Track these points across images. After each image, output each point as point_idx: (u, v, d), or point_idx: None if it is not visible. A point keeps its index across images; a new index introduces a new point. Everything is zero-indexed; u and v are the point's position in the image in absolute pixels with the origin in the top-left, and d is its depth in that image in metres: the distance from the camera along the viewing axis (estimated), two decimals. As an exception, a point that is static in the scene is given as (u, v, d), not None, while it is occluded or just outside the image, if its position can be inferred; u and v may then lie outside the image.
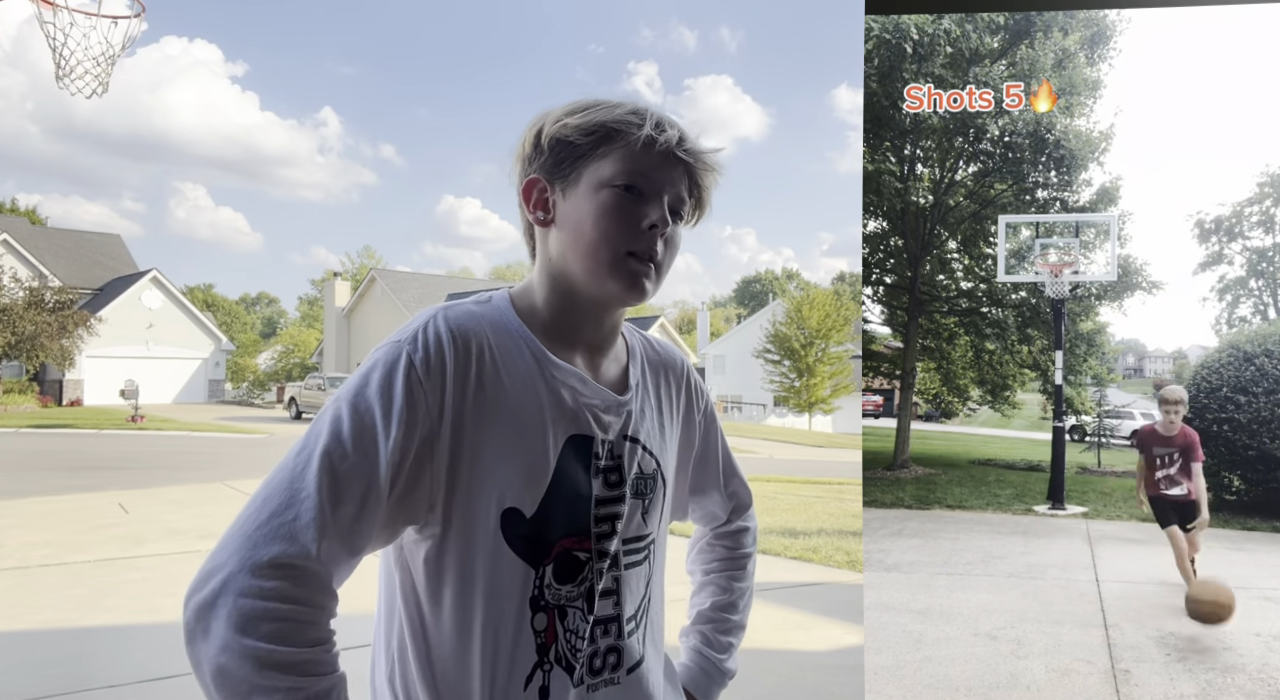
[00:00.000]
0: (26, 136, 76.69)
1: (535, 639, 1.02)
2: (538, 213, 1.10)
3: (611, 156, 1.06)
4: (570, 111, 1.08)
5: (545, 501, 1.02)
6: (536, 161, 1.10)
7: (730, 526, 1.41)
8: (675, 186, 1.09)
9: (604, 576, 1.08)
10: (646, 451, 1.14)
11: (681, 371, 1.28)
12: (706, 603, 1.38)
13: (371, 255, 61.18)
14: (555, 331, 1.10)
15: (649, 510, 1.14)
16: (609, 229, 1.05)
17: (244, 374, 42.80)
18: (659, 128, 1.07)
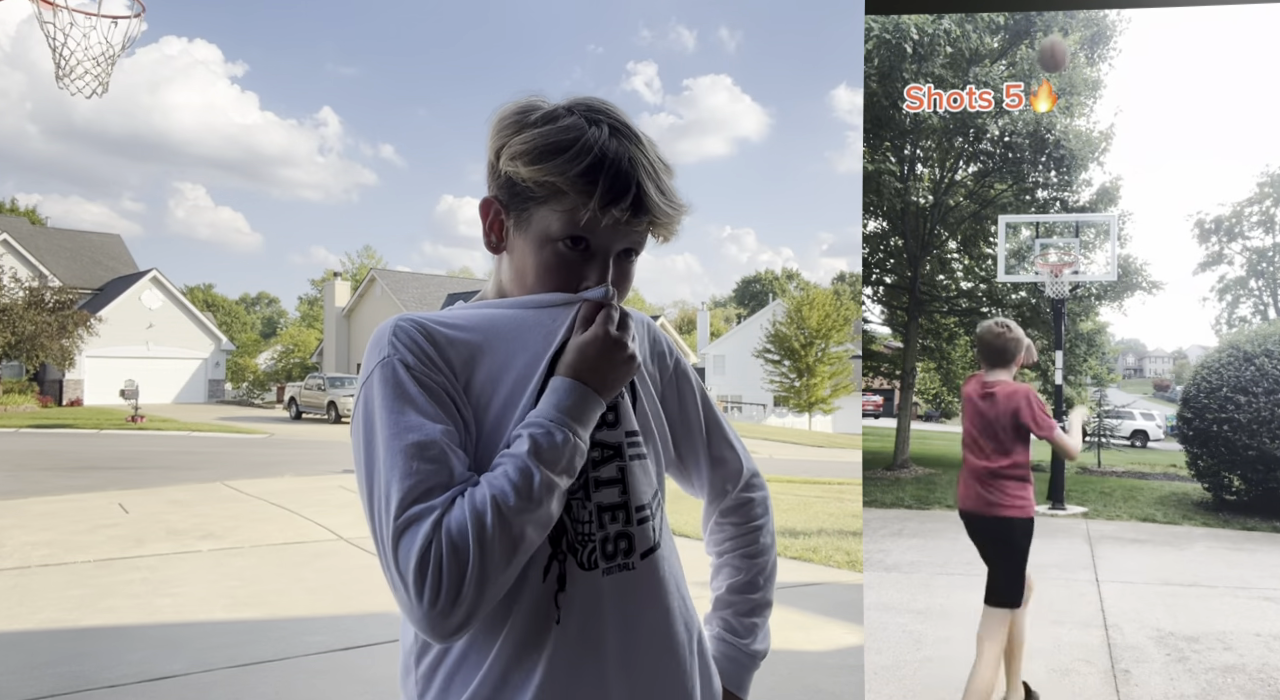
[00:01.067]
0: (26, 136, 76.74)
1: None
2: (491, 236, 1.15)
3: (560, 212, 1.07)
4: (525, 154, 1.06)
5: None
6: (496, 181, 1.12)
7: (730, 499, 1.36)
8: (629, 238, 1.11)
9: (605, 466, 1.12)
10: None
11: (641, 329, 1.25)
12: (723, 586, 1.34)
13: (371, 255, 61.18)
14: None
15: (635, 408, 1.19)
16: (549, 285, 1.10)
17: (244, 374, 42.79)
18: (609, 203, 1.04)
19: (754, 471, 1.38)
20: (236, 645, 4.73)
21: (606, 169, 1.04)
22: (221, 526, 8.62)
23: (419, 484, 0.98)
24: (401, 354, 1.04)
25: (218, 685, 4.25)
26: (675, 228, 1.13)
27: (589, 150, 1.05)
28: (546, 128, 1.07)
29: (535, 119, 1.08)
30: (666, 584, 1.17)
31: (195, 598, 5.91)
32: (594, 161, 1.04)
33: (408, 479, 0.98)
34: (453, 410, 1.05)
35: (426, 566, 0.95)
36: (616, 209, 1.05)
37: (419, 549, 0.95)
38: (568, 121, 1.07)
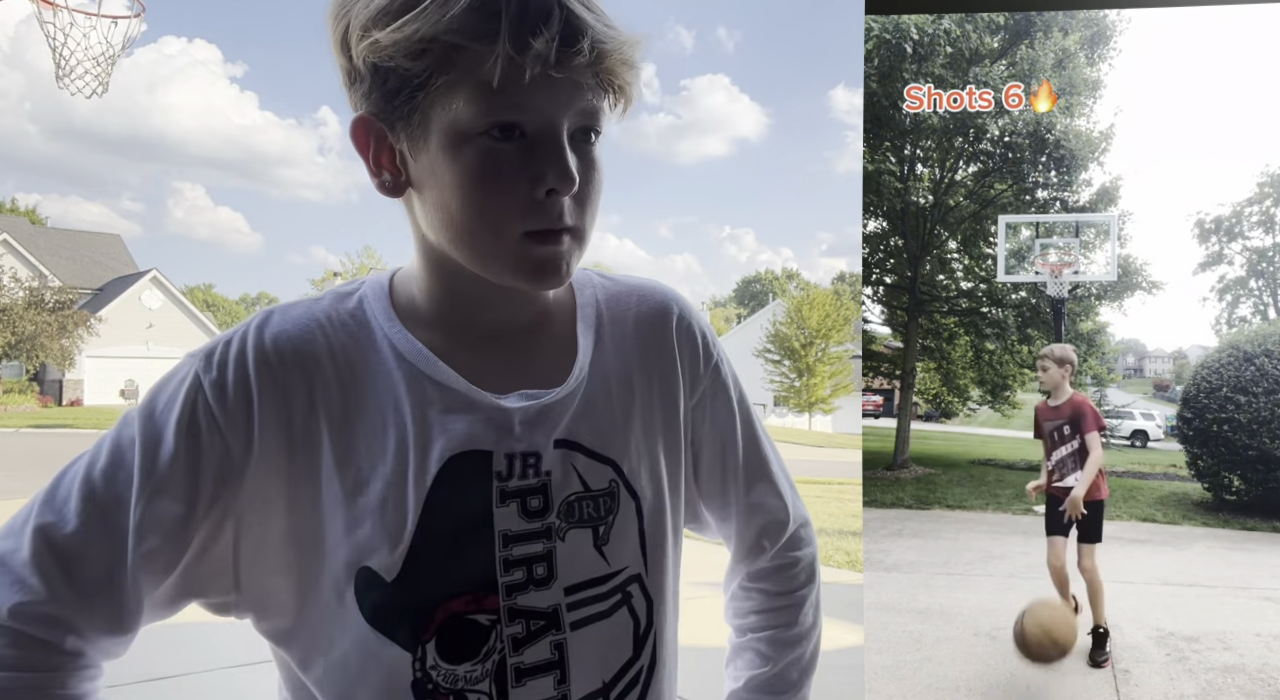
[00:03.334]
0: (25, 136, 76.68)
1: None
2: (383, 174, 0.75)
3: (465, 88, 0.68)
4: (380, 13, 0.68)
5: (412, 555, 0.72)
6: (359, 88, 0.73)
7: (765, 560, 0.96)
8: (577, 102, 0.71)
9: (533, 644, 0.75)
10: (594, 457, 0.79)
11: (668, 322, 0.87)
12: (742, 678, 0.96)
13: (371, 255, 61.22)
14: (443, 321, 0.79)
15: (609, 540, 0.79)
16: (485, 206, 0.71)
17: (244, 374, 42.83)
18: (523, 34, 0.66)
19: (803, 520, 1.00)
20: (236, 645, 4.73)
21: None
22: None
23: (25, 556, 0.71)
24: None
25: (217, 685, 4.26)
26: (632, 71, 0.74)
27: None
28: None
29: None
30: None
31: (195, 598, 5.92)
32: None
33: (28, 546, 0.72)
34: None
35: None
36: (539, 40, 0.66)
37: None
38: None
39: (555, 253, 0.73)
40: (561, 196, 0.72)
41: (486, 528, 0.74)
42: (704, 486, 0.91)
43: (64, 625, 0.69)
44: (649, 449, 0.83)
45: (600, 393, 0.81)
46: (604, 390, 0.81)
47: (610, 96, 0.74)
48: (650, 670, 0.82)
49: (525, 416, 0.77)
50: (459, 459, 0.74)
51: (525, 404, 0.77)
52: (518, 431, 0.76)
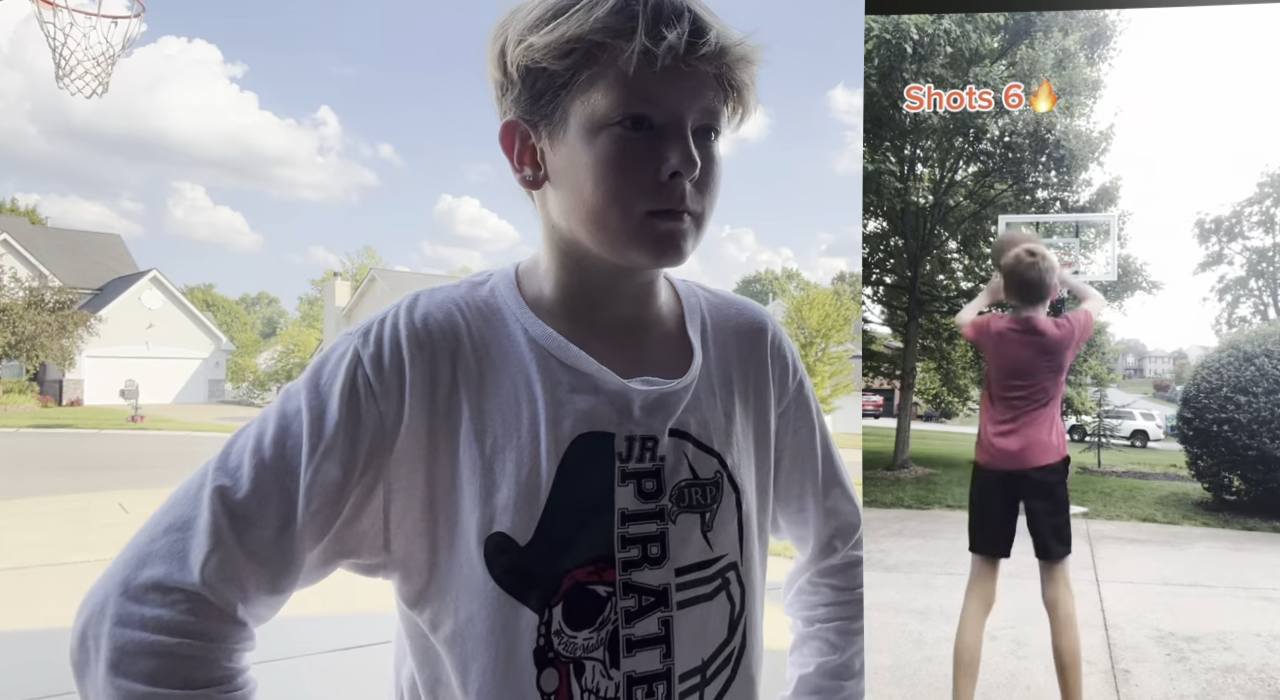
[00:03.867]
0: (24, 136, 76.66)
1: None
2: (525, 169, 0.85)
3: (603, 83, 0.78)
4: (535, 23, 0.79)
5: (544, 522, 0.79)
6: (510, 95, 0.84)
7: (836, 559, 1.07)
8: (701, 100, 0.81)
9: (643, 618, 0.82)
10: (703, 449, 0.87)
11: (764, 338, 0.95)
12: (811, 664, 1.06)
13: (371, 255, 61.20)
14: (569, 310, 0.87)
15: (713, 527, 0.86)
16: (617, 187, 0.79)
17: (244, 374, 42.78)
18: (658, 28, 0.76)
19: (860, 524, 1.11)
20: (236, 645, 4.74)
21: (644, 2, 0.77)
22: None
23: (204, 528, 0.81)
24: None
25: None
26: (752, 79, 0.84)
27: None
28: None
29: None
30: None
31: (195, 598, 5.92)
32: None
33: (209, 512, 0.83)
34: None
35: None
36: (672, 32, 0.75)
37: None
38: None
39: (676, 229, 0.81)
40: (684, 179, 0.80)
41: (607, 504, 0.82)
42: (780, 490, 1.00)
43: (237, 589, 0.76)
44: (745, 448, 0.91)
45: (705, 391, 0.89)
46: (708, 389, 0.89)
47: (729, 101, 0.84)
48: (740, 653, 0.88)
49: (645, 401, 0.84)
50: (586, 438, 0.82)
51: (646, 389, 0.85)
52: (637, 415, 0.84)
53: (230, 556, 0.76)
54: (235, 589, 0.76)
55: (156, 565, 0.76)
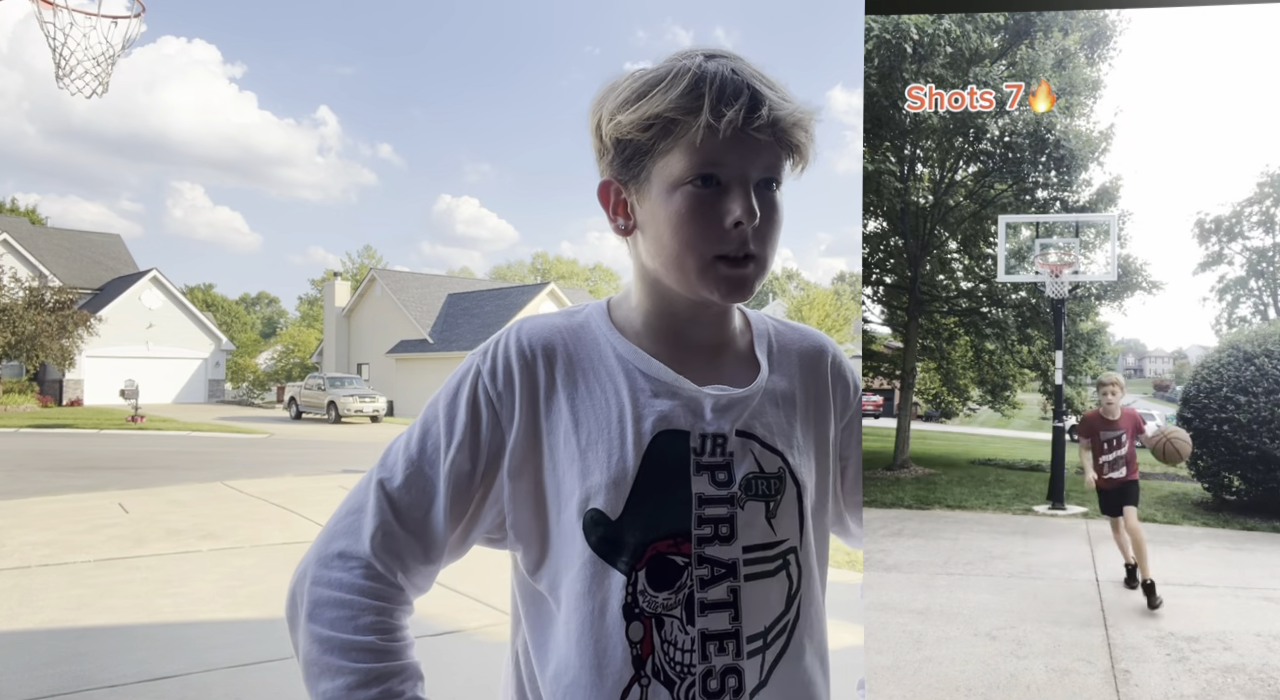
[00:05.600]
0: (24, 136, 76.70)
1: (631, 650, 0.96)
2: (619, 220, 1.03)
3: (677, 150, 0.95)
4: (623, 103, 0.97)
5: (631, 501, 0.97)
6: (605, 159, 1.02)
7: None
8: (760, 160, 0.97)
9: (715, 586, 0.98)
10: (767, 448, 1.03)
11: (824, 359, 1.13)
12: None
13: (371, 255, 61.15)
14: (653, 332, 1.05)
15: (776, 514, 1.02)
16: (690, 236, 0.96)
17: (244, 374, 42.78)
18: (720, 107, 0.93)
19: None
20: (236, 645, 4.73)
21: (710, 79, 0.94)
22: (221, 526, 8.62)
23: (373, 511, 1.01)
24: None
25: (218, 685, 4.26)
26: (807, 137, 1.00)
27: (686, 71, 0.95)
28: (641, 74, 0.99)
29: (627, 77, 1.01)
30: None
31: (195, 598, 5.91)
32: (695, 77, 0.94)
33: (377, 499, 1.03)
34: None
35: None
36: (730, 109, 0.92)
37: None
38: (660, 64, 0.99)
39: (741, 275, 0.98)
40: (745, 228, 0.96)
41: (685, 489, 0.98)
42: (848, 496, 1.17)
43: (397, 559, 0.98)
44: (806, 451, 1.07)
45: (770, 402, 1.05)
46: (773, 400, 1.06)
47: (788, 155, 0.99)
48: (795, 624, 1.03)
49: (716, 405, 1.02)
50: (665, 434, 0.99)
51: (717, 395, 1.02)
52: (709, 417, 1.01)
53: (392, 532, 0.99)
54: (396, 559, 0.99)
55: (340, 540, 0.99)
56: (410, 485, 1.00)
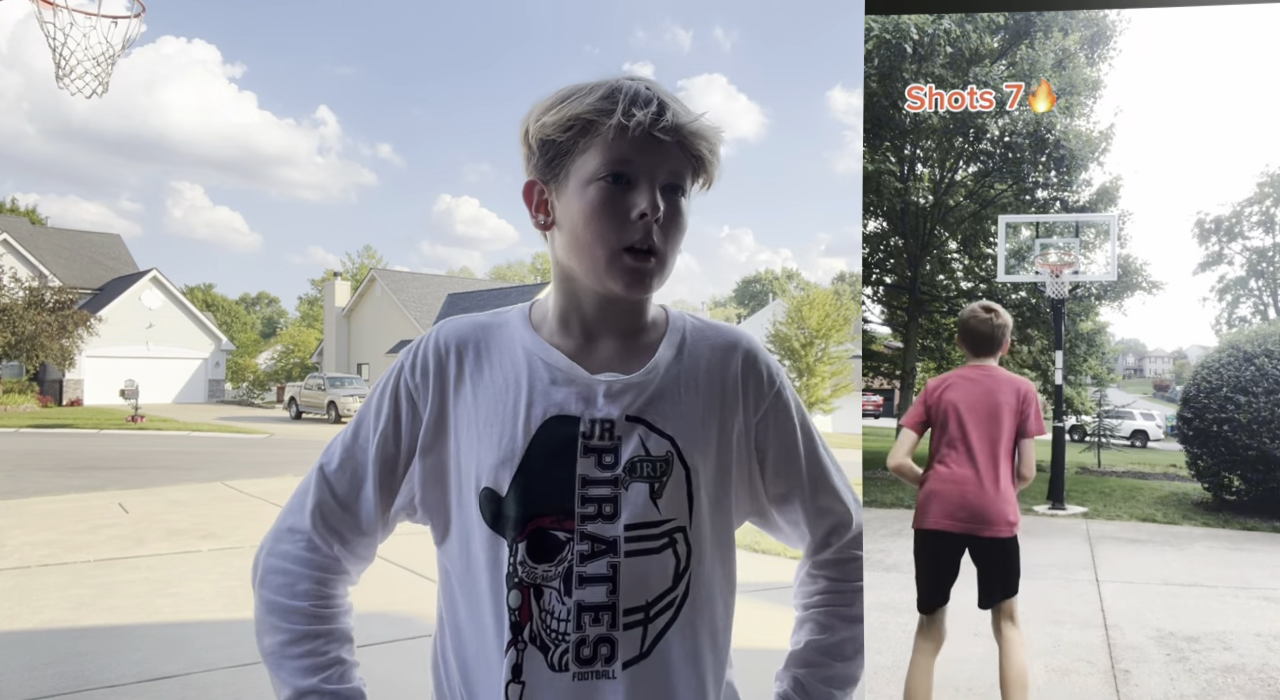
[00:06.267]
0: (23, 136, 76.56)
1: (510, 616, 1.04)
2: (539, 216, 1.12)
3: (592, 149, 1.05)
4: (548, 107, 1.07)
5: (517, 479, 1.06)
6: (531, 162, 1.11)
7: (829, 553, 1.22)
8: (666, 163, 1.06)
9: (595, 560, 1.04)
10: (656, 432, 1.08)
11: (735, 354, 1.16)
12: (804, 641, 1.21)
13: (371, 255, 61.20)
14: (563, 325, 1.13)
15: (662, 495, 1.07)
16: (599, 227, 1.05)
17: (244, 374, 42.78)
18: (631, 110, 1.03)
19: (861, 526, 1.25)
20: (236, 645, 4.73)
21: (624, 89, 1.05)
22: (221, 526, 8.62)
23: (314, 490, 1.15)
24: None
25: (218, 685, 4.26)
26: (709, 151, 1.08)
27: (604, 83, 1.07)
28: (565, 87, 1.10)
29: (555, 90, 1.11)
30: (670, 697, 1.06)
31: (195, 598, 5.91)
32: (611, 87, 1.06)
33: (318, 479, 1.17)
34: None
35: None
36: (641, 112, 1.02)
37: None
38: (588, 80, 1.10)
39: (643, 267, 1.06)
40: (650, 220, 1.04)
41: (570, 470, 1.06)
42: (770, 488, 1.18)
43: (334, 532, 1.12)
44: (704, 438, 1.11)
45: (670, 389, 1.11)
46: (674, 388, 1.12)
47: (693, 166, 1.08)
48: (683, 600, 1.08)
49: (608, 391, 1.09)
50: (557, 419, 1.07)
51: (610, 381, 1.09)
52: (600, 403, 1.08)
53: (329, 509, 1.12)
54: (333, 533, 1.12)
55: (289, 517, 1.14)
56: (344, 468, 1.13)
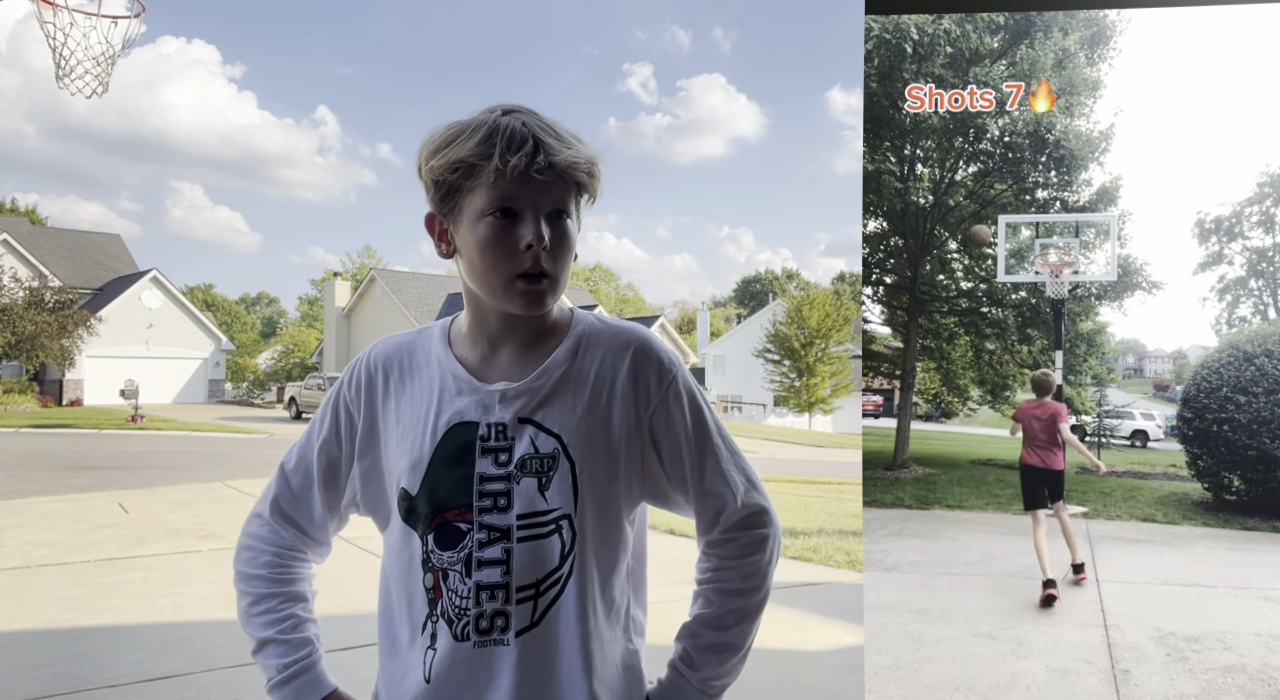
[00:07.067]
0: (23, 136, 76.59)
1: (426, 594, 1.21)
2: (441, 245, 1.24)
3: (479, 188, 1.16)
4: (434, 150, 1.18)
5: (425, 480, 1.21)
6: (429, 195, 1.23)
7: (717, 534, 1.28)
8: (548, 195, 1.17)
9: (491, 547, 1.19)
10: (544, 431, 1.21)
11: (626, 352, 1.26)
12: (691, 616, 1.30)
13: (371, 255, 61.17)
14: (472, 339, 1.27)
15: (549, 487, 1.20)
16: (493, 258, 1.17)
17: (244, 374, 42.78)
18: (507, 155, 1.13)
19: (758, 509, 1.29)
20: (236, 645, 4.73)
21: (501, 131, 1.14)
22: (221, 526, 8.61)
23: (274, 482, 1.36)
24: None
25: (218, 685, 4.26)
26: (587, 176, 1.19)
27: (483, 124, 1.16)
28: (450, 126, 1.20)
29: (441, 128, 1.21)
30: (554, 660, 1.20)
31: (195, 598, 5.91)
32: (489, 129, 1.15)
33: (278, 474, 1.36)
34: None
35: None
36: (515, 156, 1.12)
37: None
38: (468, 117, 1.19)
39: (537, 290, 1.19)
40: (537, 250, 1.16)
41: (470, 470, 1.20)
42: (670, 473, 1.28)
43: (289, 519, 1.33)
44: (590, 435, 1.22)
45: (560, 390, 1.23)
46: (564, 389, 1.24)
47: (574, 191, 1.19)
48: (569, 578, 1.21)
49: (502, 397, 1.23)
50: (459, 426, 1.22)
51: (503, 388, 1.23)
52: (496, 408, 1.22)
53: (286, 500, 1.33)
54: (288, 519, 1.32)
55: (258, 504, 1.35)
56: (298, 468, 1.32)
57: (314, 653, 1.28)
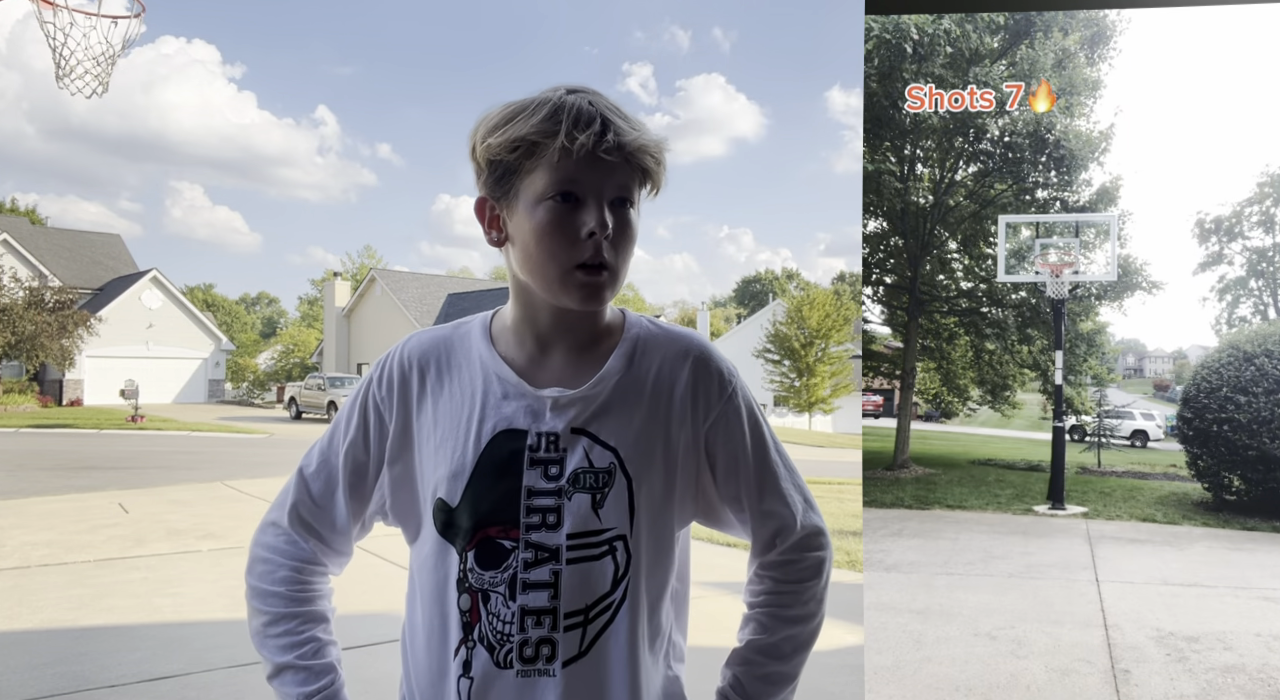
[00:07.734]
0: (23, 136, 76.58)
1: (460, 617, 1.11)
2: (492, 232, 1.15)
3: (540, 169, 1.07)
4: (492, 128, 1.09)
5: (467, 491, 1.11)
6: (480, 179, 1.13)
7: (774, 555, 1.21)
8: (613, 179, 1.08)
9: (538, 568, 1.08)
10: (600, 444, 1.11)
11: (685, 361, 1.17)
12: (745, 640, 1.22)
13: (371, 255, 61.16)
14: (519, 337, 1.17)
15: (603, 505, 1.10)
16: (550, 246, 1.08)
17: (244, 374, 42.78)
18: (574, 132, 1.04)
19: (815, 530, 1.24)
20: (236, 645, 4.73)
21: (568, 108, 1.06)
22: (221, 526, 8.61)
23: (292, 488, 1.23)
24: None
25: (218, 685, 4.25)
26: (654, 162, 1.11)
27: (548, 101, 1.08)
28: (509, 104, 1.11)
29: (499, 107, 1.12)
30: (602, 694, 1.10)
31: (195, 598, 5.91)
32: (554, 106, 1.06)
33: (297, 479, 1.24)
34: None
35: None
36: (583, 134, 1.04)
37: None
38: (529, 96, 1.11)
39: (596, 282, 1.09)
40: (599, 237, 1.07)
41: (517, 482, 1.10)
42: (722, 490, 1.20)
43: (309, 528, 1.20)
44: (648, 449, 1.13)
45: (618, 400, 1.14)
46: (622, 399, 1.14)
47: (639, 178, 1.11)
48: (621, 604, 1.11)
49: (555, 405, 1.12)
50: (505, 433, 1.12)
51: (556, 395, 1.12)
52: (547, 416, 1.12)
53: (307, 507, 1.20)
54: (308, 529, 1.20)
55: (273, 512, 1.22)
56: (319, 472, 1.20)
57: (336, 680, 1.18)
